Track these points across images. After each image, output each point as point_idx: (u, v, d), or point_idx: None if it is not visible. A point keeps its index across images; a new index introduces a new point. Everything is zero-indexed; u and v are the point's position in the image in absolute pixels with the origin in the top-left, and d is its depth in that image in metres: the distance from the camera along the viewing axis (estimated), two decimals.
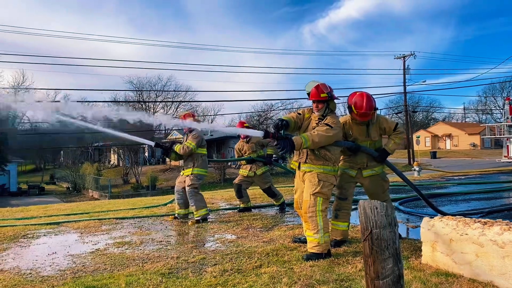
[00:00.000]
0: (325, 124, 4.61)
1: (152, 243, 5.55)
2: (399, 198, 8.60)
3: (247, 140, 8.13)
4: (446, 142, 68.12)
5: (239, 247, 5.13)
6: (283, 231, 5.99)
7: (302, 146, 4.49)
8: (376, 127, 5.13)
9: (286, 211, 7.85)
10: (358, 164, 5.13)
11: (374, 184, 5.19)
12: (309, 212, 4.60)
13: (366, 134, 5.10)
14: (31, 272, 4.35)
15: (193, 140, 7.02)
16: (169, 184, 37.69)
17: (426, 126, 78.18)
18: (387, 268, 2.19)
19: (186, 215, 7.43)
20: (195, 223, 6.83)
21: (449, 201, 8.78)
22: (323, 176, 4.65)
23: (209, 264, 4.43)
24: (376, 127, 5.13)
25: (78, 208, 10.18)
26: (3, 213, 9.44)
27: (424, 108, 79.73)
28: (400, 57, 41.79)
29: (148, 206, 9.30)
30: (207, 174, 7.41)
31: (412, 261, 4.25)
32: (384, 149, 5.12)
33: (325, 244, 4.53)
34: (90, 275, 4.15)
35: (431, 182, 13.09)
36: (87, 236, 6.19)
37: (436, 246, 4.01)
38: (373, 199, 5.12)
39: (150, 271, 4.21)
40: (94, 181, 40.37)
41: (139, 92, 61.31)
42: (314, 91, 4.72)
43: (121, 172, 46.55)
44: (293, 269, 4.14)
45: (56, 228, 6.94)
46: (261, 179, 8.00)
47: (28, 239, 6.09)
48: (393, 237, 2.23)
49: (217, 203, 9.40)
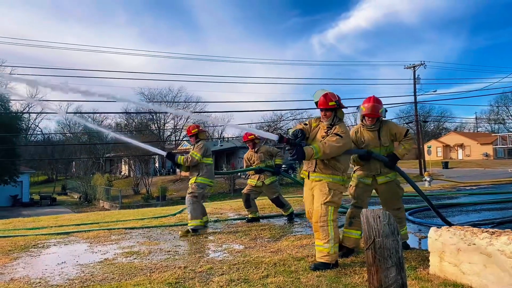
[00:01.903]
0: (335, 134, 4.60)
1: (160, 253, 5.58)
2: (410, 208, 8.52)
3: (256, 150, 8.16)
4: (458, 152, 67.41)
5: (246, 257, 5.13)
6: (291, 241, 5.98)
7: (312, 157, 4.50)
8: (386, 132, 5.18)
9: (295, 221, 7.83)
10: (372, 171, 5.16)
11: (389, 191, 5.22)
12: (320, 222, 4.59)
13: (377, 139, 5.13)
14: (40, 281, 4.40)
15: (198, 151, 7.07)
16: (179, 194, 37.81)
17: (437, 136, 77.51)
18: (390, 277, 2.19)
19: (205, 222, 7.47)
20: (186, 232, 6.79)
21: (459, 211, 8.68)
22: (333, 185, 4.64)
23: (216, 274, 4.43)
24: (387, 132, 5.18)
25: (88, 218, 10.25)
26: (14, 223, 9.55)
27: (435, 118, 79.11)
28: (410, 66, 41.72)
29: (157, 216, 9.34)
30: (212, 184, 7.37)
31: (420, 271, 4.22)
32: (394, 154, 5.14)
33: (335, 255, 4.51)
34: (98, 285, 4.19)
35: (442, 192, 12.95)
36: (96, 245, 6.24)
37: (444, 256, 3.98)
38: (387, 206, 5.16)
39: (157, 280, 4.23)
40: (105, 191, 40.62)
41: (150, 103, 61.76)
42: (322, 100, 4.74)
43: (131, 183, 46.79)
44: (300, 279, 4.13)
45: (66, 238, 7.01)
46: (270, 189, 8.00)
47: (38, 249, 6.16)
48: (396, 246, 2.23)
49: (225, 213, 9.41)
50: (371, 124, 5.15)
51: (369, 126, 5.17)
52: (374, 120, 5.13)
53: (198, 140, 7.25)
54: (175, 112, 42.66)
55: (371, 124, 5.15)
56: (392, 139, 5.24)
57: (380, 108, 5.12)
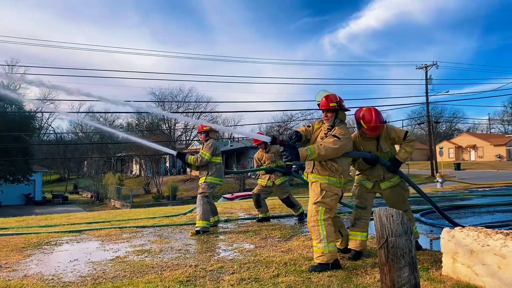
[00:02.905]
0: (333, 136, 4.57)
1: (171, 252, 5.61)
2: (421, 209, 8.45)
3: (266, 150, 8.15)
4: (470, 153, 66.63)
5: (257, 256, 5.13)
6: (302, 241, 5.97)
7: (307, 158, 4.48)
8: (385, 138, 5.09)
9: (305, 221, 7.80)
10: (375, 177, 5.08)
11: (394, 195, 5.15)
12: (311, 222, 4.59)
13: (376, 148, 5.07)
14: (53, 278, 4.45)
15: (207, 150, 7.09)
16: (190, 194, 37.98)
17: (449, 137, 76.72)
18: (403, 276, 2.17)
19: (216, 222, 7.49)
20: (195, 234, 6.79)
21: (472, 213, 8.58)
22: (326, 186, 4.62)
23: (227, 272, 4.44)
24: (385, 138, 5.09)
25: (99, 216, 10.34)
26: (27, 221, 9.67)
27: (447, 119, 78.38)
28: (422, 67, 41.36)
29: (168, 215, 9.38)
30: (222, 183, 7.40)
31: (432, 272, 4.18)
32: (396, 158, 5.05)
33: (330, 254, 4.46)
34: (110, 282, 4.22)
35: (454, 193, 12.82)
36: (108, 244, 6.29)
37: (457, 257, 3.94)
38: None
39: (169, 278, 4.25)
40: (116, 190, 40.95)
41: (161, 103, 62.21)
42: (324, 101, 4.74)
43: (142, 182, 47.10)
44: (310, 279, 4.12)
45: (78, 235, 7.08)
46: (280, 189, 7.99)
47: (51, 246, 6.23)
48: (409, 245, 2.21)
49: (236, 213, 9.42)
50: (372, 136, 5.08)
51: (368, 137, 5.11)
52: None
53: (207, 138, 7.27)
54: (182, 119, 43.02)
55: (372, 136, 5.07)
56: (392, 143, 5.16)
57: (382, 127, 4.98)
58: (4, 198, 38.75)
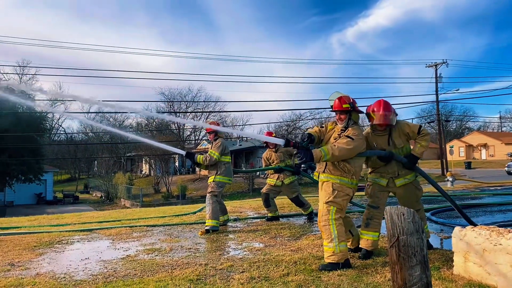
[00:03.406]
0: (346, 137, 4.58)
1: (181, 250, 5.63)
2: (431, 208, 8.39)
3: (275, 150, 8.14)
4: (481, 152, 65.94)
5: (266, 255, 5.14)
6: (311, 240, 5.96)
7: (321, 159, 4.49)
8: (398, 133, 5.04)
9: (314, 221, 7.79)
10: (389, 173, 5.04)
11: (407, 193, 5.09)
12: (322, 221, 4.58)
13: (389, 142, 5.03)
14: (65, 276, 4.49)
15: (216, 150, 7.10)
16: (199, 193, 38.09)
17: (460, 136, 76.01)
18: (414, 275, 2.16)
19: (226, 221, 7.51)
20: (205, 233, 6.80)
21: (484, 212, 8.50)
22: (338, 186, 4.62)
23: (236, 271, 4.45)
24: (399, 133, 5.04)
25: (110, 216, 10.43)
26: (39, 220, 9.79)
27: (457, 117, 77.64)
28: (432, 65, 40.99)
29: (178, 214, 9.43)
30: (231, 182, 7.44)
31: (443, 272, 4.14)
32: (412, 154, 5.02)
33: (341, 254, 4.45)
34: (121, 280, 4.25)
35: (465, 192, 12.71)
36: (118, 242, 6.34)
37: (469, 256, 3.90)
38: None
39: (179, 277, 4.27)
40: (126, 190, 41.20)
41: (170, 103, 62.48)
42: (337, 102, 4.76)
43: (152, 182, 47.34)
44: (320, 278, 4.11)
45: (89, 234, 7.14)
46: (289, 188, 7.98)
47: (62, 245, 6.30)
48: (421, 244, 2.20)
49: (245, 212, 9.44)
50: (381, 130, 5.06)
51: (380, 131, 5.08)
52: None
53: (216, 137, 7.29)
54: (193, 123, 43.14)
55: (382, 130, 5.05)
56: (407, 138, 5.11)
57: (391, 115, 4.94)
58: (17, 197, 39.25)
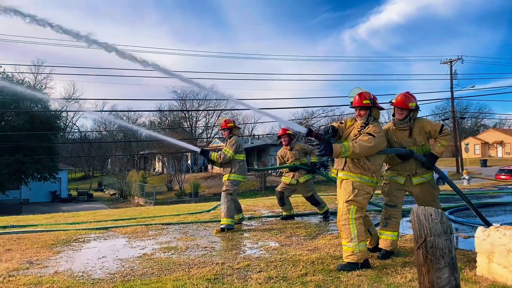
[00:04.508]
0: (367, 134, 4.51)
1: (197, 249, 5.62)
2: (448, 207, 8.26)
3: (290, 148, 8.07)
4: (497, 149, 64.95)
5: (283, 254, 5.09)
6: (328, 239, 5.89)
7: (341, 155, 4.43)
8: (419, 130, 4.96)
9: (330, 220, 7.72)
10: (407, 171, 4.96)
11: (424, 192, 5.00)
12: (342, 220, 4.52)
13: (410, 138, 4.95)
14: (83, 275, 4.51)
15: (230, 147, 7.06)
16: (211, 191, 38.17)
17: (475, 133, 74.95)
18: (442, 277, 2.10)
19: (241, 219, 7.50)
20: (220, 231, 6.78)
21: (503, 211, 8.34)
22: (358, 185, 4.55)
23: (254, 271, 4.42)
24: (420, 130, 4.96)
25: (125, 214, 10.48)
26: (56, 218, 9.88)
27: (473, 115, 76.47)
28: (446, 61, 40.46)
29: (192, 213, 9.43)
30: (245, 180, 7.39)
31: (466, 273, 4.05)
32: (432, 153, 4.93)
33: (361, 253, 4.39)
34: (139, 279, 4.25)
35: (482, 191, 12.49)
36: (134, 241, 6.35)
37: (493, 257, 3.81)
38: None
39: (196, 276, 4.25)
40: (140, 188, 41.50)
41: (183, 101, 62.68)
42: (357, 98, 4.71)
43: (165, 180, 47.59)
44: (339, 278, 4.06)
45: (105, 232, 7.17)
46: (304, 187, 7.91)
47: (79, 243, 6.33)
48: (449, 245, 2.13)
49: (259, 211, 9.40)
50: (401, 119, 4.95)
51: (400, 123, 4.98)
52: (404, 113, 4.91)
53: (231, 135, 7.25)
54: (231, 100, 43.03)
55: (401, 118, 4.94)
56: (427, 137, 5.02)
57: (411, 101, 4.93)
58: (32, 195, 39.84)
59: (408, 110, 4.89)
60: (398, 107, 4.92)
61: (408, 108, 4.87)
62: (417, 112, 5.02)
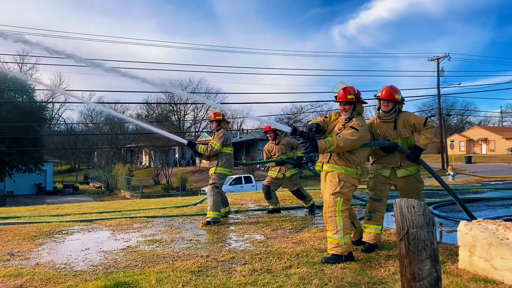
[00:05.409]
0: (351, 127, 4.54)
1: (182, 242, 5.59)
2: (433, 202, 8.34)
3: (276, 142, 8.06)
4: (482, 146, 65.89)
5: (268, 247, 5.09)
6: (313, 232, 5.91)
7: (326, 150, 4.45)
8: (403, 123, 5.00)
9: (316, 213, 7.75)
10: (392, 163, 4.98)
11: (408, 185, 5.04)
12: (328, 212, 4.53)
13: (395, 131, 4.98)
14: (65, 267, 4.45)
15: (218, 140, 7.03)
16: (199, 185, 38.06)
17: (460, 130, 75.89)
18: (424, 269, 2.10)
19: (227, 213, 7.49)
20: (206, 224, 6.76)
21: (486, 206, 8.45)
22: (344, 177, 4.57)
23: (238, 263, 4.41)
24: (404, 123, 5.00)
25: (110, 206, 10.39)
26: (39, 210, 9.75)
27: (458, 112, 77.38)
28: (434, 58, 40.83)
29: (178, 206, 9.39)
30: (232, 173, 7.40)
31: (448, 266, 4.10)
32: (417, 145, 4.97)
33: (346, 246, 4.41)
34: (122, 271, 4.20)
35: (466, 187, 12.66)
36: (119, 233, 6.30)
37: (474, 250, 3.85)
38: None
39: (180, 268, 4.22)
40: (126, 181, 41.25)
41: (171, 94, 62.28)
42: (341, 93, 4.72)
43: (152, 173, 47.37)
44: (323, 270, 4.07)
45: (89, 225, 7.09)
46: (290, 181, 7.91)
47: (62, 235, 6.25)
48: (431, 237, 2.14)
49: (246, 204, 9.39)
50: (387, 112, 4.98)
51: (385, 115, 5.00)
52: (390, 105, 4.95)
53: (219, 128, 7.22)
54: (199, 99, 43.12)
55: (387, 111, 4.97)
56: (412, 130, 5.06)
57: (397, 93, 4.98)
58: (16, 187, 39.35)
59: (394, 102, 4.94)
60: (384, 99, 4.94)
61: (395, 100, 4.92)
62: (402, 105, 5.06)
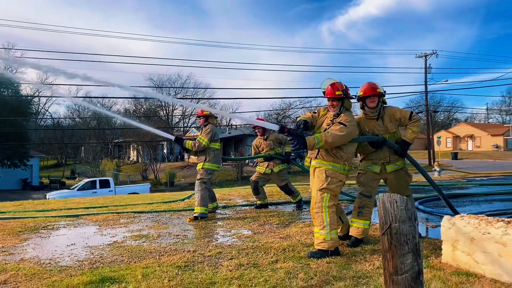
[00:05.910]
0: (339, 123, 4.57)
1: (169, 237, 5.58)
2: (419, 197, 8.45)
3: (265, 137, 8.08)
4: (468, 143, 66.77)
5: (255, 242, 5.11)
6: (300, 227, 5.95)
7: (315, 146, 4.46)
8: (389, 118, 5.04)
9: (303, 209, 7.79)
10: (381, 159, 5.03)
11: (398, 179, 5.10)
12: (315, 208, 4.56)
13: (382, 126, 5.02)
14: (50, 262, 4.42)
15: (205, 136, 7.02)
16: (187, 181, 37.97)
17: (447, 127, 76.79)
18: (406, 263, 2.14)
19: (215, 208, 7.49)
20: (193, 219, 6.76)
21: (470, 201, 8.58)
22: (331, 173, 4.59)
23: (225, 258, 4.42)
24: (390, 118, 5.04)
25: (97, 202, 10.32)
26: (24, 205, 9.65)
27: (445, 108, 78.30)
28: (421, 55, 41.10)
29: (165, 201, 9.37)
30: (219, 169, 7.40)
31: (431, 260, 4.16)
32: (404, 140, 5.01)
33: (332, 241, 4.44)
34: (108, 266, 4.19)
35: (452, 182, 12.83)
36: (105, 228, 6.26)
37: (457, 245, 3.91)
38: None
39: (167, 263, 4.22)
40: (114, 176, 40.91)
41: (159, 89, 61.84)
42: (329, 89, 4.73)
43: (140, 168, 47.10)
44: (309, 265, 4.10)
45: (76, 220, 7.04)
46: (278, 176, 7.94)
47: (48, 231, 6.20)
48: (413, 231, 2.17)
49: (234, 199, 9.41)
50: (374, 108, 5.01)
51: (372, 111, 5.03)
52: (375, 100, 4.97)
53: (206, 123, 7.21)
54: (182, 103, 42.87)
55: (374, 106, 5.00)
56: (398, 124, 5.11)
57: (378, 87, 5.01)
58: (2, 182, 38.78)
59: (379, 95, 4.97)
60: (369, 96, 4.95)
61: (379, 94, 4.95)
62: (384, 97, 5.10)
